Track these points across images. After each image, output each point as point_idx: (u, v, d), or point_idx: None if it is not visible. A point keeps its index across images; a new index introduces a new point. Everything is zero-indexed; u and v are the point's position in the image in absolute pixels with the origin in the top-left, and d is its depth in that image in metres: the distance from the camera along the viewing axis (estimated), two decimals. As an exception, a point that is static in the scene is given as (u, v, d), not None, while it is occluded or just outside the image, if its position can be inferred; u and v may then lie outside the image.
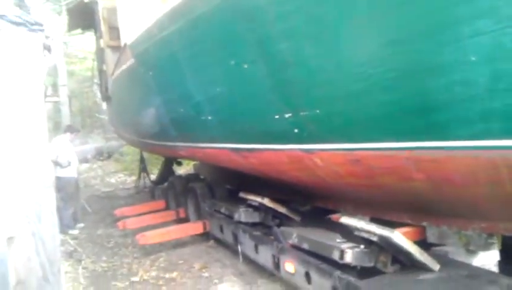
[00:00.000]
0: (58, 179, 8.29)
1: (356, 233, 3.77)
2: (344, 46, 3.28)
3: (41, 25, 3.94)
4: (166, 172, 11.37)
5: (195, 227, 7.35)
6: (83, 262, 6.81)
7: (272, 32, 3.74)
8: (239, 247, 5.94)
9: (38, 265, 3.21)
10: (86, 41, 22.90)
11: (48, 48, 5.36)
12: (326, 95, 3.56)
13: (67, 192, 8.51)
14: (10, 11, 4.30)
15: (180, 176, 10.24)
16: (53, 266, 3.28)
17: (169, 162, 11.48)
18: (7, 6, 4.32)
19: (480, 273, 3.53)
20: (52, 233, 3.34)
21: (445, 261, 3.77)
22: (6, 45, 3.23)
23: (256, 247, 5.43)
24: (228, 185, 7.87)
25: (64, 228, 8.07)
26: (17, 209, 3.11)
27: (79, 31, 15.50)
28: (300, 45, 3.55)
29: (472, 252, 3.95)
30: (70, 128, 9.36)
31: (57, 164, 8.20)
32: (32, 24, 4.41)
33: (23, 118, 3.23)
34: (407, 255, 3.55)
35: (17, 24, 4.33)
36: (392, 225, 3.84)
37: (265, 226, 5.74)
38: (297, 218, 5.58)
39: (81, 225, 9.01)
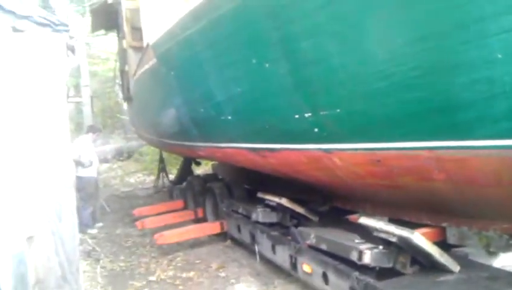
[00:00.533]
0: (78, 178, 8.39)
1: (375, 234, 3.74)
2: (367, 44, 3.27)
3: (66, 25, 4.01)
4: (185, 172, 11.42)
5: (212, 227, 7.36)
6: (101, 261, 6.86)
7: (294, 30, 3.74)
8: (256, 247, 5.94)
9: (57, 264, 3.24)
10: (108, 43, 23.23)
11: (71, 49, 5.44)
12: (347, 94, 3.55)
13: (87, 192, 8.60)
14: (35, 12, 4.38)
15: (198, 176, 10.28)
16: (72, 265, 3.30)
17: (188, 162, 11.54)
18: (32, 7, 4.40)
19: (500, 275, 3.48)
20: (71, 233, 3.36)
21: (465, 262, 3.73)
22: (32, 45, 3.28)
23: (273, 247, 5.42)
24: (246, 185, 7.89)
25: (83, 227, 8.16)
26: (38, 208, 3.15)
27: (102, 32, 15.72)
28: (323, 44, 3.54)
29: (493, 254, 3.87)
30: (92, 129, 9.47)
31: (79, 163, 8.30)
32: (57, 25, 4.48)
33: (46, 118, 3.26)
34: (427, 256, 3.51)
35: (43, 25, 4.41)
36: (411, 225, 3.80)
37: (283, 227, 5.73)
38: (315, 218, 5.56)
39: (100, 224, 9.10)
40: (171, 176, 12.75)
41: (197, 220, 8.22)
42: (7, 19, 3.43)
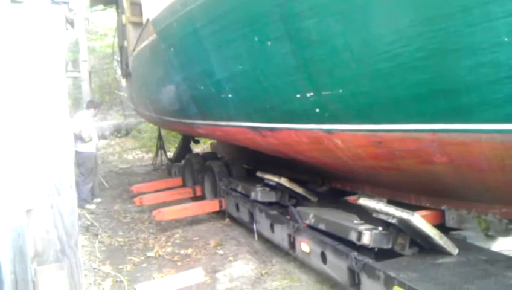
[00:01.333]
0: (78, 153, 8.39)
1: (374, 215, 3.75)
2: (371, 24, 3.23)
3: (65, -3, 3.94)
4: (184, 150, 11.42)
5: (211, 205, 7.39)
6: (99, 236, 6.89)
7: (297, 9, 3.69)
8: (254, 226, 5.97)
9: (56, 238, 3.23)
10: (106, 18, 22.98)
11: (70, 22, 5.36)
12: (350, 75, 3.52)
13: (86, 167, 8.60)
14: (34, -18, 4.32)
15: (197, 154, 10.28)
16: (71, 239, 3.30)
17: (187, 140, 11.53)
18: (31, -22, 4.33)
19: (499, 259, 3.49)
20: (70, 207, 3.35)
21: (463, 245, 3.74)
22: (30, 16, 3.21)
23: (272, 226, 5.45)
24: (245, 164, 7.89)
25: (81, 202, 8.20)
26: (37, 182, 3.13)
27: (101, 7, 15.52)
28: (326, 23, 3.50)
29: (491, 238, 3.89)
30: (92, 104, 9.41)
31: (79, 138, 8.29)
32: (56, -4, 4.40)
33: (45, 91, 3.23)
34: (426, 238, 3.53)
35: (42, -5, 4.33)
36: (410, 208, 3.82)
37: (282, 206, 5.75)
38: (314, 199, 5.58)
39: (98, 200, 9.13)
40: (170, 154, 12.75)
41: (196, 198, 8.24)
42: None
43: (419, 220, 3.40)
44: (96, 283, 5.06)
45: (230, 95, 5.26)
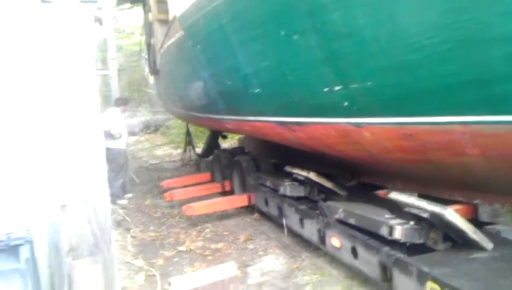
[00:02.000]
0: (108, 150, 8.51)
1: (406, 209, 3.70)
2: (399, 15, 3.16)
3: (94, -4, 4.00)
4: (212, 145, 11.49)
5: (240, 200, 7.43)
6: (131, 231, 7.02)
7: (323, 2, 3.65)
8: (284, 220, 5.96)
9: (90, 233, 3.30)
10: (133, 17, 23.23)
11: (99, 21, 5.44)
12: (379, 67, 3.46)
13: (117, 163, 8.73)
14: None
15: (225, 149, 10.33)
16: (104, 233, 3.36)
17: (215, 135, 11.59)
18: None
19: (535, 253, 3.40)
20: (103, 202, 3.41)
21: (497, 240, 3.66)
22: (60, 16, 3.27)
23: (301, 221, 5.43)
24: (273, 159, 7.89)
25: (113, 198, 8.34)
26: (70, 178, 3.20)
27: (127, 5, 15.70)
28: (353, 15, 3.45)
29: (526, 232, 3.81)
30: (121, 100, 9.54)
31: (109, 135, 8.42)
32: (85, -5, 4.46)
33: (76, 88, 3.29)
34: (460, 233, 3.46)
35: (71, -5, 4.39)
36: (442, 202, 3.75)
37: (311, 201, 5.73)
38: (343, 193, 5.54)
39: (130, 195, 9.28)
40: (198, 149, 12.85)
41: (224, 193, 8.30)
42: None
43: (452, 215, 3.34)
44: (130, 277, 5.16)
45: (257, 90, 5.26)
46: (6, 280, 2.55)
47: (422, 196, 4.17)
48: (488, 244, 3.46)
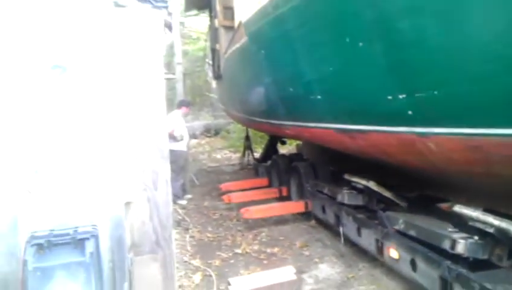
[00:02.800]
0: (170, 151, 8.76)
1: (470, 223, 3.58)
2: (470, 23, 3.06)
3: (165, 2, 4.15)
4: (271, 150, 11.55)
5: (297, 206, 7.43)
6: (190, 231, 7.20)
7: (390, 9, 3.61)
8: (341, 228, 5.91)
9: (152, 230, 3.42)
10: (199, 23, 23.80)
11: (168, 26, 5.64)
12: (446, 76, 3.37)
13: (178, 164, 8.95)
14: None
15: (284, 155, 10.35)
16: (165, 231, 3.46)
17: (274, 140, 11.64)
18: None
19: None
20: (166, 201, 3.52)
21: None
22: (133, 20, 3.42)
23: (358, 230, 5.37)
24: (332, 166, 7.83)
25: (174, 197, 8.57)
26: (135, 176, 3.33)
27: (194, 12, 16.13)
28: (422, 23, 3.38)
29: None
30: (184, 103, 9.79)
31: (171, 137, 8.68)
32: (156, 1, 4.63)
33: (145, 91, 3.42)
34: (527, 250, 3.30)
35: (143, 0, 4.58)
36: (508, 217, 3.58)
37: (369, 210, 5.64)
38: (403, 204, 5.40)
39: (189, 196, 9.50)
40: (256, 154, 12.96)
41: (281, 198, 8.32)
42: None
43: (520, 231, 3.19)
44: (187, 276, 5.29)
45: (319, 97, 5.25)
46: (71, 273, 2.65)
47: (487, 210, 4.01)
48: (558, 264, 3.28)
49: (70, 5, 2.97)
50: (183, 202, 9.01)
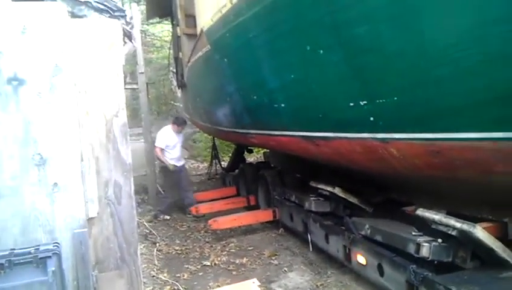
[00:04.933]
0: (162, 168, 9.06)
1: (433, 226, 3.63)
2: (427, 28, 3.11)
3: (123, 11, 4.07)
4: (238, 159, 11.52)
5: (265, 214, 7.42)
6: (157, 244, 7.07)
7: (349, 15, 3.63)
8: (309, 236, 5.92)
9: (117, 246, 3.33)
10: (162, 31, 23.62)
11: (128, 35, 5.53)
12: (406, 82, 3.42)
13: (169, 181, 9.07)
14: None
15: (251, 164, 10.36)
16: (130, 247, 3.38)
17: (241, 149, 11.62)
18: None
19: None
20: (130, 215, 3.44)
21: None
22: (90, 31, 3.34)
23: (326, 237, 5.39)
24: (298, 173, 7.85)
25: (157, 212, 8.84)
26: (98, 191, 3.24)
27: (156, 20, 15.97)
28: (379, 29, 3.42)
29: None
30: (177, 120, 9.48)
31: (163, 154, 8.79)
32: (114, 11, 4.54)
33: (106, 103, 3.34)
34: (488, 251, 3.37)
35: (100, 10, 4.48)
36: (470, 219, 3.65)
37: (336, 216, 5.67)
38: (369, 209, 5.46)
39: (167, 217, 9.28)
40: (224, 163, 12.89)
41: (250, 207, 8.30)
42: (66, 4, 3.51)
43: (481, 232, 3.26)
44: (155, 291, 5.19)
45: (282, 105, 5.26)
46: (33, 293, 2.58)
47: (450, 213, 4.08)
48: (519, 264, 3.36)
49: (26, 16, 2.88)
50: (167, 217, 8.81)
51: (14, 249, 2.67)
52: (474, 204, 4.02)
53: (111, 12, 4.30)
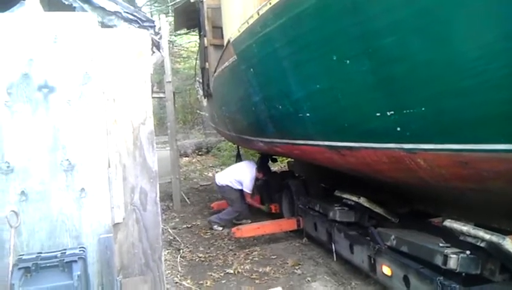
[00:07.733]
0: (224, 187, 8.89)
1: (461, 238, 3.57)
2: (456, 39, 3.10)
3: (152, 22, 4.17)
4: (262, 168, 11.49)
5: (289, 223, 7.40)
6: (181, 251, 7.12)
7: (376, 26, 3.64)
8: (333, 246, 5.88)
9: (141, 252, 3.38)
10: (189, 42, 23.95)
11: (156, 45, 5.64)
12: (433, 92, 3.39)
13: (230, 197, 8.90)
14: (123, 8, 4.58)
15: (275, 173, 10.33)
16: (155, 253, 3.42)
17: (265, 158, 11.61)
18: (120, 3, 4.61)
19: None
20: (155, 222, 3.49)
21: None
22: (119, 40, 3.41)
23: (351, 247, 5.34)
24: (323, 183, 7.82)
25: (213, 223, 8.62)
26: (124, 197, 3.30)
27: (184, 30, 16.19)
28: (407, 39, 3.41)
29: None
30: (260, 168, 9.44)
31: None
32: (143, 21, 4.64)
33: (133, 111, 3.40)
34: (519, 264, 3.30)
35: (130, 21, 4.58)
36: (499, 231, 3.58)
37: (361, 227, 5.63)
38: (394, 220, 5.41)
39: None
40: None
41: (273, 216, 8.28)
42: (96, 14, 3.60)
43: (511, 244, 3.19)
44: (178, 297, 5.22)
45: (308, 114, 5.27)
46: (59, 296, 2.62)
47: (478, 225, 4.02)
48: (550, 278, 3.28)
49: (58, 25, 2.97)
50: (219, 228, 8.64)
51: (41, 253, 2.74)
52: (504, 216, 3.95)
53: (140, 22, 4.40)
